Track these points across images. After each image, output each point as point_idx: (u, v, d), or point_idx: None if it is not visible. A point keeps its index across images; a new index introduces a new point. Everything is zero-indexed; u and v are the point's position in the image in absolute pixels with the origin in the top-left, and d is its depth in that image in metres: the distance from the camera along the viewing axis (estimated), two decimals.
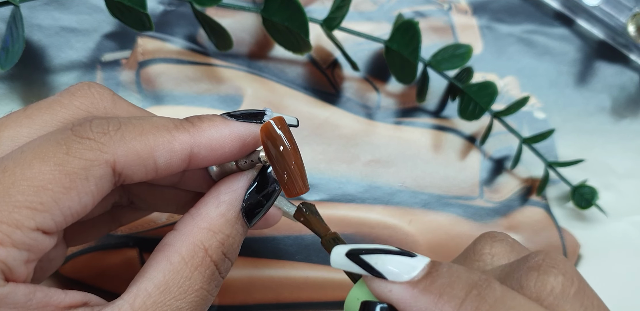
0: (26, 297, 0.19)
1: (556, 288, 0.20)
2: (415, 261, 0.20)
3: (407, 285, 0.19)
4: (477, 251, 0.23)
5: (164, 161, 0.22)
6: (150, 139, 0.21)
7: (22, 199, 0.19)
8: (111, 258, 0.33)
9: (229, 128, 0.23)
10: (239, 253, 0.24)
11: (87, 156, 0.20)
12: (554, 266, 0.20)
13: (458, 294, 0.18)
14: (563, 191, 0.41)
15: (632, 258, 0.41)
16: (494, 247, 0.23)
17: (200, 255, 0.22)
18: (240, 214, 0.23)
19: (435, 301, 0.18)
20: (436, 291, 0.19)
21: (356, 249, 0.20)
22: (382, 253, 0.20)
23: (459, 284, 0.19)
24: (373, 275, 0.20)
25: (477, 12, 0.43)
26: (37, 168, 0.20)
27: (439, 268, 0.19)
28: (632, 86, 0.44)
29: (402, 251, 0.20)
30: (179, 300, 0.21)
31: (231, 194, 0.23)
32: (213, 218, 0.23)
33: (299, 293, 0.35)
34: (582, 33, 0.44)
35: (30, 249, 0.19)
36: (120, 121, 0.22)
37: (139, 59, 0.36)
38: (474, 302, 0.18)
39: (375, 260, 0.20)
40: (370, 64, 0.40)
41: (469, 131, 0.41)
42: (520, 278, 0.20)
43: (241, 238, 0.24)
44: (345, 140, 0.38)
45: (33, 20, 0.35)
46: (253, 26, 0.38)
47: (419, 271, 0.19)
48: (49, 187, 0.19)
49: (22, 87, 0.34)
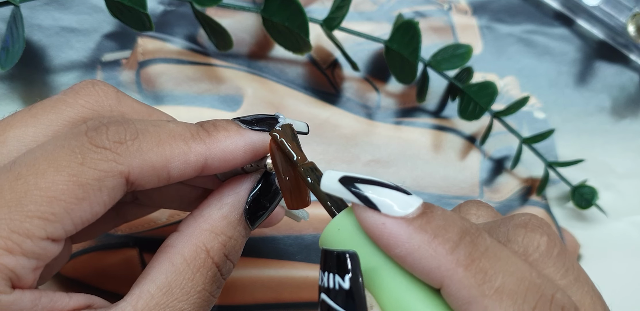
0: (32, 303, 0.19)
1: (542, 245, 0.20)
2: (411, 199, 0.19)
3: (402, 221, 0.18)
4: (464, 211, 0.23)
5: (178, 171, 0.22)
6: (167, 150, 0.21)
7: (34, 209, 0.19)
8: (111, 258, 0.33)
9: (243, 139, 0.23)
10: (240, 254, 0.24)
11: (101, 167, 0.20)
12: (540, 227, 0.21)
13: (452, 237, 0.18)
14: (563, 191, 0.41)
15: (632, 258, 0.41)
16: (480, 209, 0.23)
17: (202, 257, 0.22)
18: (243, 217, 0.23)
19: (430, 240, 0.18)
20: (431, 232, 0.18)
21: (351, 176, 0.20)
22: (378, 185, 0.19)
23: (454, 228, 0.19)
24: (366, 205, 0.19)
25: (477, 12, 0.43)
26: (51, 177, 0.19)
27: (433, 210, 0.19)
28: (632, 86, 0.44)
29: (397, 186, 0.20)
30: (182, 301, 0.21)
31: (234, 197, 0.23)
32: (215, 220, 0.23)
33: (299, 293, 0.35)
34: (582, 33, 0.44)
35: (39, 257, 0.20)
36: (137, 129, 0.22)
37: (139, 59, 0.36)
38: (467, 247, 0.18)
39: (370, 190, 0.19)
40: (370, 64, 0.40)
41: (469, 131, 0.41)
42: (507, 233, 0.21)
43: (243, 240, 0.24)
44: (345, 140, 0.38)
45: (33, 20, 0.35)
46: (253, 26, 0.39)
47: (415, 208, 0.19)
48: (62, 198, 0.19)
49: (22, 87, 0.34)
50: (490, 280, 0.18)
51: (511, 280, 0.18)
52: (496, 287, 0.18)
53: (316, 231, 0.36)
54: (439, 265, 0.18)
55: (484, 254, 0.18)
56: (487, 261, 0.18)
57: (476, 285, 0.18)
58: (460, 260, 0.18)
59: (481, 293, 0.17)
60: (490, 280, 0.18)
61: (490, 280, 0.18)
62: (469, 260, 0.18)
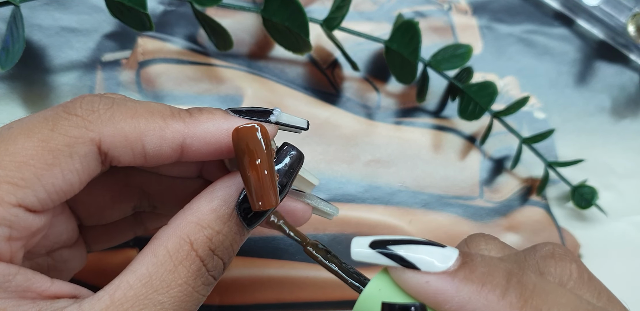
0: (4, 277, 0.19)
1: (574, 273, 0.20)
2: (447, 251, 0.19)
3: (446, 275, 0.18)
4: (473, 247, 0.23)
5: (153, 147, 0.21)
6: (141, 123, 0.21)
7: (2, 174, 0.19)
8: (111, 258, 0.33)
9: (227, 123, 0.22)
10: (236, 254, 0.23)
11: (71, 133, 0.20)
12: (567, 255, 0.21)
13: (500, 282, 0.18)
14: (563, 191, 0.41)
15: (632, 258, 0.41)
16: (489, 244, 0.23)
17: (186, 249, 0.21)
18: (235, 212, 0.22)
19: (479, 290, 0.18)
20: (478, 281, 0.18)
21: (381, 239, 0.19)
22: (410, 244, 0.19)
23: (499, 272, 0.18)
24: (403, 265, 0.18)
25: (477, 12, 0.43)
26: (21, 143, 0.19)
27: (473, 258, 0.19)
28: (632, 86, 0.44)
29: (430, 241, 0.19)
30: (161, 293, 0.20)
31: (225, 191, 0.22)
32: (203, 213, 0.22)
33: (299, 293, 0.35)
34: (582, 33, 0.44)
35: (11, 225, 0.19)
36: (113, 101, 0.21)
37: (139, 59, 0.36)
38: (517, 289, 0.18)
39: (405, 249, 0.19)
40: (370, 64, 0.40)
41: (469, 131, 0.41)
42: (538, 265, 0.21)
43: (235, 237, 0.22)
44: (345, 140, 0.38)
45: (33, 20, 0.35)
46: (253, 26, 0.39)
47: (454, 260, 0.18)
48: (31, 163, 0.19)
49: (22, 87, 0.34)
50: None
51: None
52: None
53: (316, 231, 0.36)
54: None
55: (534, 293, 0.18)
56: (538, 298, 0.18)
57: None
58: (514, 303, 0.18)
59: None
60: None
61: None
62: (522, 301, 0.18)
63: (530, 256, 0.21)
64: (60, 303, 0.20)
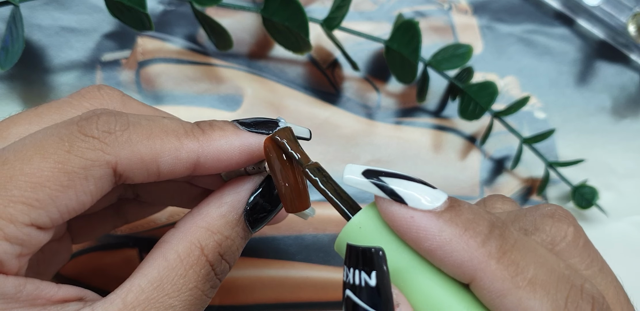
0: (15, 289, 0.19)
1: (568, 236, 0.20)
2: (437, 192, 0.19)
3: (432, 214, 0.18)
4: (489, 205, 0.24)
5: (168, 167, 0.22)
6: (157, 144, 0.21)
7: (18, 194, 0.19)
8: (111, 258, 0.33)
9: (239, 140, 0.23)
10: (239, 256, 0.24)
11: (88, 155, 0.20)
12: (566, 217, 0.21)
13: (483, 231, 0.18)
14: (563, 191, 0.41)
15: (632, 258, 0.41)
16: (505, 204, 0.24)
17: (196, 254, 0.22)
18: (243, 218, 0.23)
19: (461, 234, 0.18)
20: (462, 225, 0.18)
21: (374, 169, 0.19)
22: (403, 179, 0.19)
23: (483, 221, 0.18)
24: (393, 198, 0.19)
25: (477, 12, 0.43)
26: (37, 164, 0.19)
27: (461, 204, 0.19)
28: (632, 85, 0.44)
29: (422, 180, 0.19)
30: (172, 297, 0.21)
31: (234, 196, 0.23)
32: (213, 218, 0.23)
33: (299, 293, 0.35)
34: (583, 33, 0.44)
35: (23, 243, 0.19)
36: (129, 121, 0.21)
37: (139, 59, 0.36)
38: (498, 240, 0.18)
39: (396, 183, 0.19)
40: (371, 64, 0.40)
41: (469, 131, 0.41)
42: (534, 222, 0.21)
43: (241, 241, 0.23)
44: (345, 140, 0.38)
45: (33, 20, 0.35)
46: (253, 26, 0.38)
47: (442, 202, 0.19)
48: (47, 184, 0.19)
49: (22, 87, 0.34)
50: (522, 272, 0.18)
51: (542, 271, 0.18)
52: (529, 279, 0.18)
53: (316, 231, 0.36)
54: (471, 258, 0.18)
55: (514, 247, 0.18)
56: (517, 253, 0.18)
57: (509, 277, 0.18)
58: (492, 253, 0.18)
59: (515, 284, 0.18)
60: (523, 272, 0.18)
61: (523, 272, 0.18)
62: (501, 252, 0.18)
63: (531, 212, 0.22)
64: (70, 306, 0.20)
